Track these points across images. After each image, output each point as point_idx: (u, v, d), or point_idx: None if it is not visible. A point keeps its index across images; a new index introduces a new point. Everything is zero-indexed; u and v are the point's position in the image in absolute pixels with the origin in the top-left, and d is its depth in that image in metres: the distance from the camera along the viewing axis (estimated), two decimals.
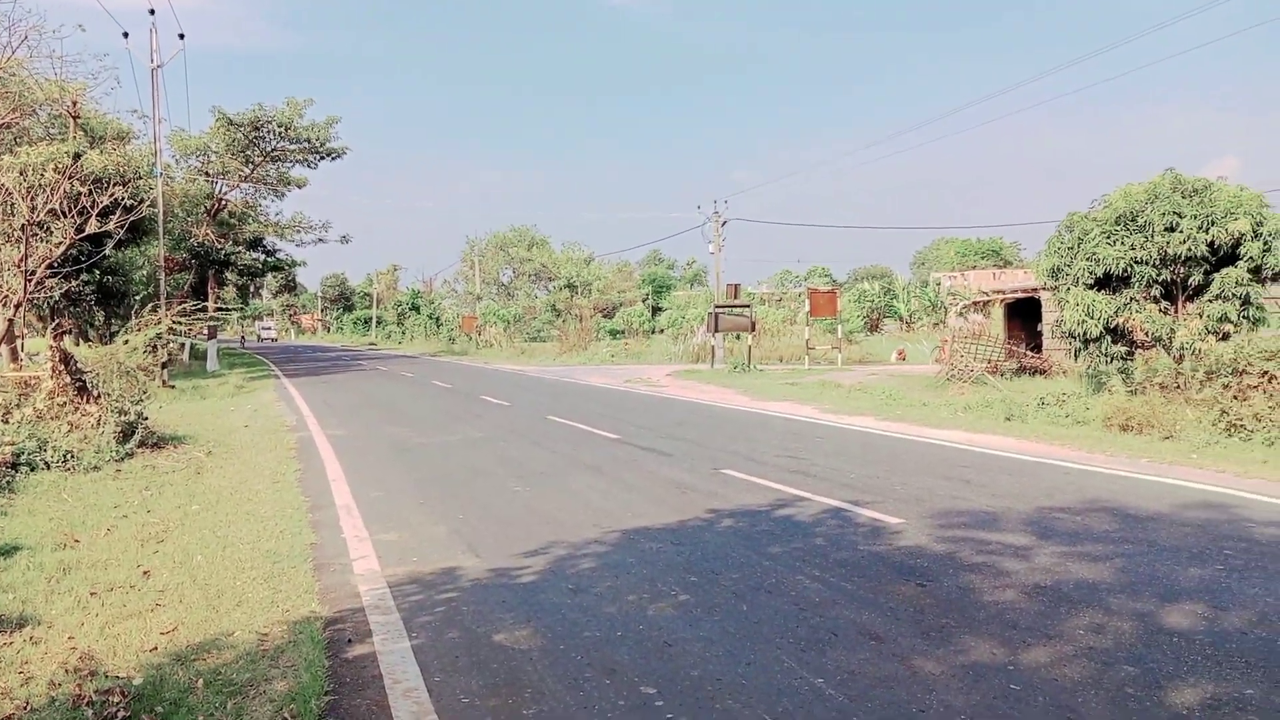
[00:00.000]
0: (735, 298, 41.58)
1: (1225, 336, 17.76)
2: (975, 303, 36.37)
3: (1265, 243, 18.89)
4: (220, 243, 41.70)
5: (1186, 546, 7.72)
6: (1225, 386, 14.39)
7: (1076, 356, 21.20)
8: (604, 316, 67.13)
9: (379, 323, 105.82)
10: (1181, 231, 18.64)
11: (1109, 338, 19.67)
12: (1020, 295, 31.67)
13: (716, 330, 38.37)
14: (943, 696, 4.86)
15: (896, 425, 17.26)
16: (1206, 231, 18.48)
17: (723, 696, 4.95)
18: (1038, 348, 28.78)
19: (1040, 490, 10.38)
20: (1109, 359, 19.57)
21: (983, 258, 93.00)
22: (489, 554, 8.17)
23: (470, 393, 27.52)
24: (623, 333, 63.67)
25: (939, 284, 69.63)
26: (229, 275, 45.58)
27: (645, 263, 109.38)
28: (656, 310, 69.96)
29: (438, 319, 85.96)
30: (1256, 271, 19.00)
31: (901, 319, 70.79)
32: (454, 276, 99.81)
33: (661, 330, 60.07)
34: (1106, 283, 19.81)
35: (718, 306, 39.29)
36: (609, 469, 12.59)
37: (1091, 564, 7.23)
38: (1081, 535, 8.19)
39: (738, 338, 40.75)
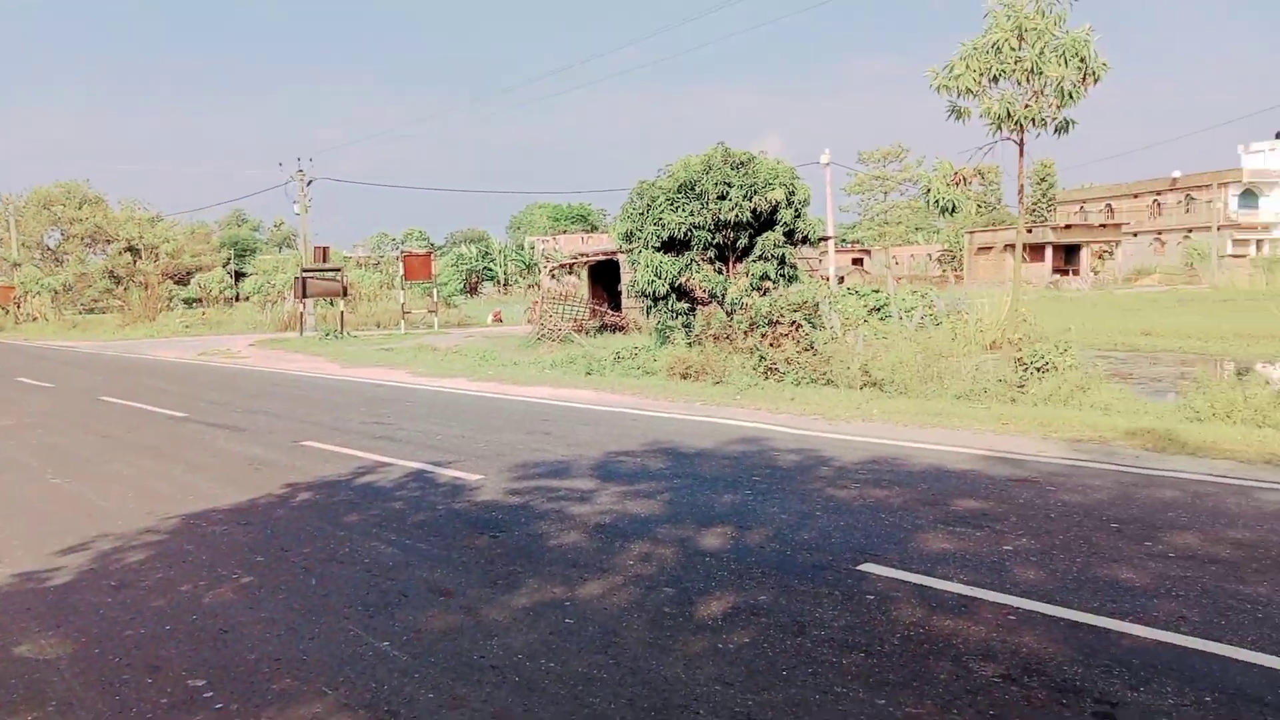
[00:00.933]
0: (325, 261, 39.77)
1: (765, 292, 20.30)
2: (564, 265, 38.16)
3: (796, 210, 21.87)
4: None
5: (723, 477, 8.78)
6: (763, 335, 16.50)
7: (648, 313, 23.09)
8: (176, 283, 60.83)
9: None
10: (731, 199, 20.94)
11: (674, 295, 21.64)
12: (602, 258, 33.76)
13: (305, 296, 36.46)
14: (504, 640, 5.07)
15: (487, 385, 17.64)
16: (750, 200, 20.94)
17: (280, 676, 4.75)
18: (619, 306, 30.95)
19: (610, 437, 11.21)
20: (675, 315, 21.55)
21: (573, 222, 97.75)
22: (15, 558, 7.07)
23: (3, 375, 23.57)
24: (200, 301, 58.38)
25: (533, 247, 72.10)
26: None
27: (226, 224, 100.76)
28: (240, 275, 64.98)
29: None
30: (790, 235, 21.95)
31: (499, 281, 72.39)
32: None
33: (246, 297, 55.94)
34: (672, 246, 21.73)
35: (305, 270, 37.34)
36: (171, 450, 11.48)
37: (645, 500, 7.95)
38: (640, 475, 8.97)
39: (331, 303, 39.06)
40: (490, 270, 74.69)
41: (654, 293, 21.78)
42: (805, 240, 22.98)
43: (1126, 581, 5.60)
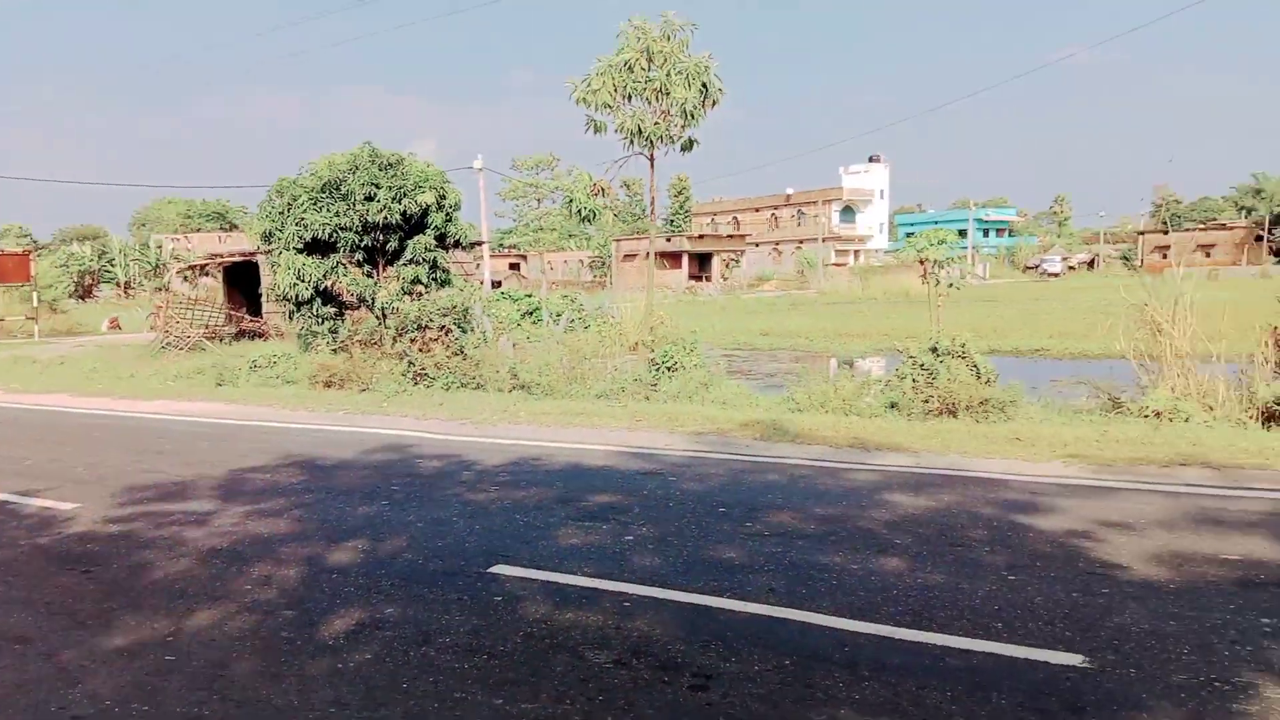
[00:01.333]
0: None
1: (418, 296, 19.99)
2: (196, 266, 35.00)
3: (447, 214, 21.74)
4: None
5: (362, 488, 8.49)
6: (412, 340, 16.21)
7: (291, 318, 21.82)
8: None
9: None
10: (379, 201, 20.36)
11: (320, 300, 20.66)
12: (240, 259, 31.41)
13: None
14: (90, 687, 4.52)
15: (96, 401, 15.71)
16: (400, 202, 20.49)
17: None
18: (259, 311, 28.95)
19: (237, 453, 10.43)
20: (320, 320, 20.57)
21: (208, 220, 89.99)
22: None
23: None
24: None
25: (160, 246, 65.36)
26: None
27: None
28: None
29: None
30: (442, 239, 21.77)
31: (119, 284, 65.02)
32: None
33: None
34: (317, 247, 20.71)
35: None
36: None
37: (272, 519, 7.48)
38: (268, 492, 8.43)
39: None
40: (109, 272, 66.72)
41: (297, 296, 20.64)
42: (458, 244, 22.90)
43: (728, 560, 6.16)
